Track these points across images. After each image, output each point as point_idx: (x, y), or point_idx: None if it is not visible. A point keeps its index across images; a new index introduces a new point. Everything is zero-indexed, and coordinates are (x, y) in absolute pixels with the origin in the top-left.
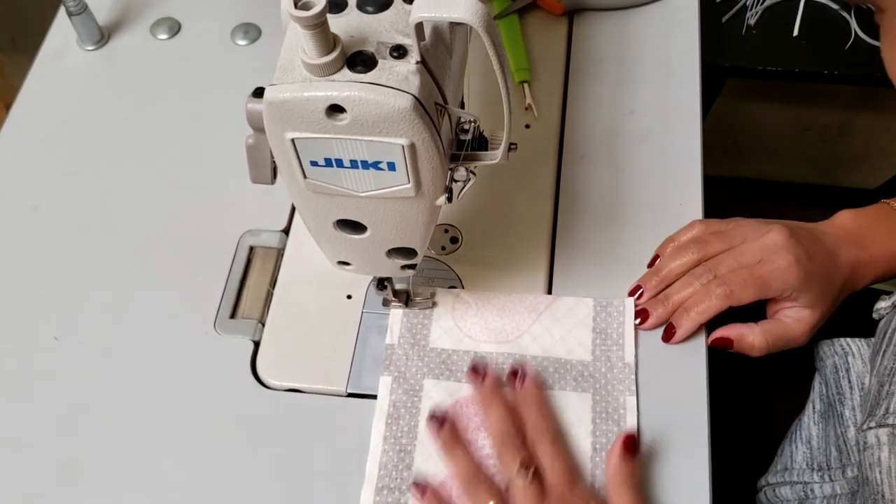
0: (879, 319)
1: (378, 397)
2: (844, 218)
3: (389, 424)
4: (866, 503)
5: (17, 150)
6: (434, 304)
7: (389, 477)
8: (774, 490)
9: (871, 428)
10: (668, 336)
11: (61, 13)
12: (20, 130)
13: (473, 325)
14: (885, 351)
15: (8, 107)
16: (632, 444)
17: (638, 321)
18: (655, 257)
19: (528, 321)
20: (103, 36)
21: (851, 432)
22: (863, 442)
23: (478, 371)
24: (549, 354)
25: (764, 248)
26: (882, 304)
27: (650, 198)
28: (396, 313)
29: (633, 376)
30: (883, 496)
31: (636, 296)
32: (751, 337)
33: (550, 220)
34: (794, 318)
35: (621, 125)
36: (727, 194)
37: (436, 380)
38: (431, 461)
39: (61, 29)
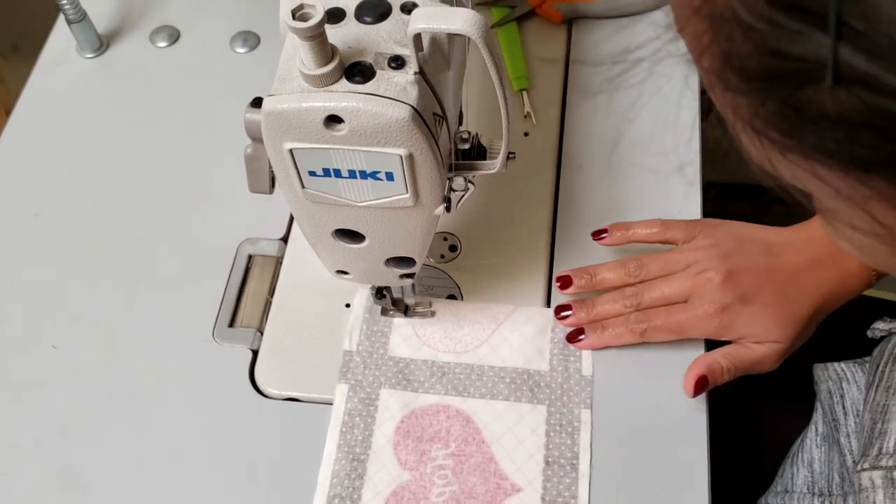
0: (874, 339)
1: (333, 405)
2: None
3: (344, 433)
4: None
5: (17, 157)
6: (433, 314)
7: (342, 486)
8: None
9: (864, 469)
10: (572, 338)
11: (61, 20)
12: (20, 137)
13: (433, 333)
14: (877, 385)
15: (8, 113)
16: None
17: (560, 315)
18: (604, 231)
19: (487, 331)
20: (102, 44)
21: (850, 461)
22: (857, 483)
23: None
24: (506, 365)
25: (695, 285)
26: (880, 325)
27: (649, 205)
28: (357, 318)
29: (590, 389)
30: None
31: (561, 284)
32: (718, 364)
33: (549, 228)
34: (755, 348)
35: (620, 133)
36: (727, 198)
37: (392, 389)
38: (385, 471)
39: (61, 36)
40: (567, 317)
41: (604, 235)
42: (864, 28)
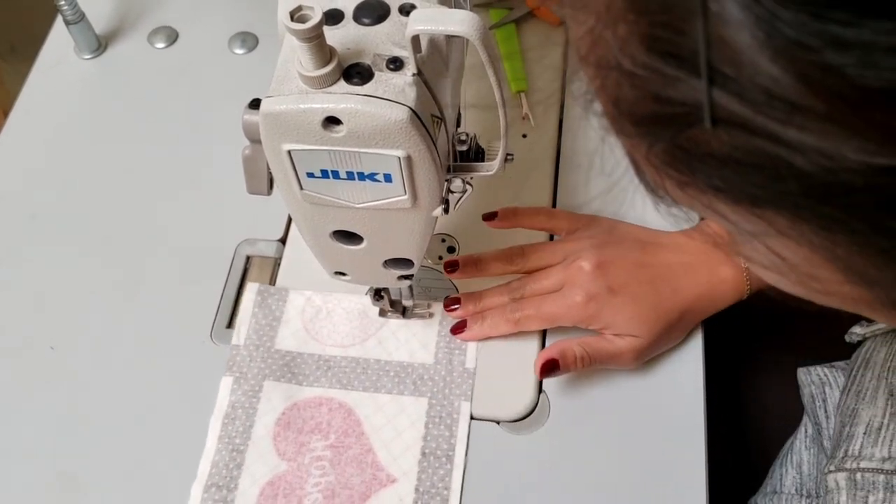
0: (850, 343)
1: (218, 398)
2: (697, 235)
3: (226, 425)
4: None
5: (14, 158)
6: (431, 315)
7: (220, 475)
8: None
9: (830, 472)
10: (456, 330)
11: (59, 21)
12: (17, 138)
13: (322, 327)
14: (849, 389)
15: (6, 114)
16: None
17: (450, 308)
18: (494, 214)
19: (376, 324)
20: (101, 45)
21: None
22: (824, 486)
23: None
24: (392, 358)
25: (568, 276)
26: (857, 330)
27: (648, 207)
28: (245, 313)
29: (471, 381)
30: None
31: (449, 270)
32: (571, 351)
33: None
34: (614, 340)
35: None
36: None
37: (276, 381)
38: (262, 461)
39: (59, 37)
40: (455, 309)
41: (494, 220)
42: (733, 73)
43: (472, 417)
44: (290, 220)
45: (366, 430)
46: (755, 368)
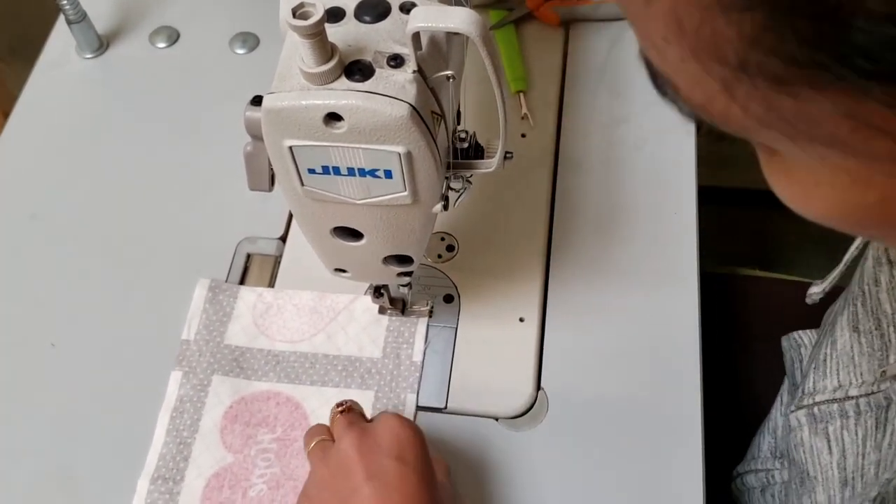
0: (813, 304)
1: (167, 392)
2: None
3: (174, 418)
4: (793, 482)
5: (15, 158)
6: (431, 313)
7: (167, 468)
8: (742, 478)
9: (792, 412)
10: None
11: (60, 21)
12: (19, 138)
13: (272, 323)
14: (820, 342)
15: (7, 115)
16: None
17: None
18: None
19: (325, 319)
20: (102, 44)
21: None
22: (787, 426)
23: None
24: (340, 353)
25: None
26: (814, 290)
27: (645, 207)
28: (196, 309)
29: (418, 374)
30: (808, 474)
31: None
32: None
33: (546, 228)
34: None
35: (616, 134)
36: (723, 203)
37: (225, 376)
38: (209, 453)
39: (60, 37)
40: None
41: None
42: None
43: (417, 408)
44: (290, 219)
45: (312, 423)
46: (753, 367)
